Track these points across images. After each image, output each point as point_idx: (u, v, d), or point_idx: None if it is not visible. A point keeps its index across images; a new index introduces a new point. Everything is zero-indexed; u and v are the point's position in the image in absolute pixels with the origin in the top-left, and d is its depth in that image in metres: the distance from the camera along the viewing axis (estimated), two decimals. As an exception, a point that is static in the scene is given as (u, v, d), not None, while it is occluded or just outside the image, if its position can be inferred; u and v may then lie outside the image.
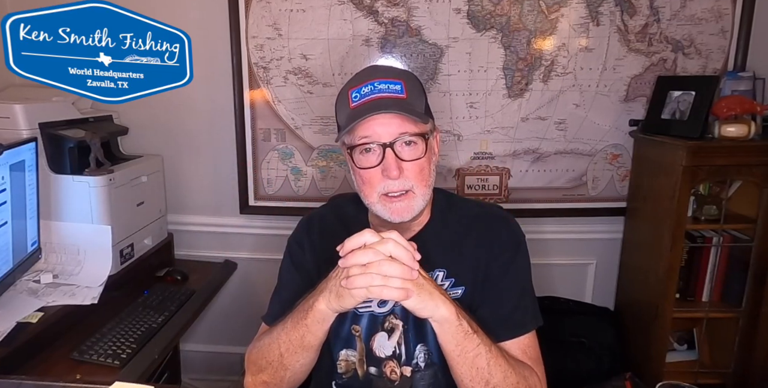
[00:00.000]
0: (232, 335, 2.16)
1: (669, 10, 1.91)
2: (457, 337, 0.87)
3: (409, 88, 0.97)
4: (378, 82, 0.95)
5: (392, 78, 0.97)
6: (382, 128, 0.94)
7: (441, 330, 0.88)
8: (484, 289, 1.01)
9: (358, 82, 0.98)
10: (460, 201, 1.14)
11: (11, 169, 1.42)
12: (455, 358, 0.89)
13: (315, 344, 0.94)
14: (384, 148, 0.94)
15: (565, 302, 2.08)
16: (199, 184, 2.15)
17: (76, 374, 1.27)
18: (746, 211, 1.82)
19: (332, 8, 1.93)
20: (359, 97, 0.96)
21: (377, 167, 0.95)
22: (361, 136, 0.95)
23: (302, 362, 0.96)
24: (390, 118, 0.93)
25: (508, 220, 1.09)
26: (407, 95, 0.96)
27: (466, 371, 0.89)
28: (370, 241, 0.83)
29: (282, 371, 0.96)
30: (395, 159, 0.94)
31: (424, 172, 0.97)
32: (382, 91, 0.95)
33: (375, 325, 1.03)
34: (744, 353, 1.82)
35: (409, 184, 0.95)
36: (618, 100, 1.99)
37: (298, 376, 0.99)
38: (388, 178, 0.94)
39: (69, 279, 1.62)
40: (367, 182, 0.97)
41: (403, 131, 0.94)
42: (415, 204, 0.97)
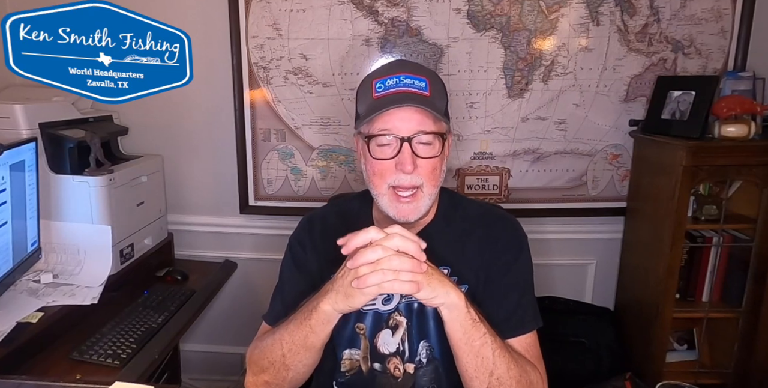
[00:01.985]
0: (232, 335, 2.16)
1: (669, 10, 1.91)
2: (465, 324, 0.88)
3: (433, 87, 0.97)
4: (404, 77, 0.96)
5: (418, 75, 0.97)
6: (402, 123, 0.94)
7: (450, 317, 0.88)
8: (486, 288, 1.02)
9: (384, 74, 0.98)
10: (464, 200, 1.15)
11: (11, 169, 1.42)
12: (462, 346, 0.89)
13: (318, 345, 0.94)
14: (402, 143, 0.94)
15: (565, 302, 2.08)
16: (199, 184, 2.15)
17: (76, 374, 1.27)
18: (746, 211, 1.82)
19: (332, 8, 1.93)
20: (383, 89, 0.96)
21: (392, 160, 0.96)
22: (381, 128, 0.95)
23: (305, 362, 0.96)
24: (411, 113, 0.94)
25: (510, 220, 1.10)
26: (431, 94, 0.96)
27: (471, 359, 0.89)
28: (376, 237, 0.83)
29: (284, 371, 0.96)
30: (411, 154, 0.94)
31: (435, 172, 0.98)
32: (408, 85, 0.95)
33: (379, 322, 1.03)
34: (744, 353, 1.82)
35: (419, 181, 0.96)
36: (618, 100, 1.99)
37: (300, 376, 0.99)
38: (401, 172, 0.95)
39: (69, 279, 1.62)
40: (379, 173, 0.97)
41: (423, 128, 0.95)
42: (422, 204, 0.98)
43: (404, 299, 1.02)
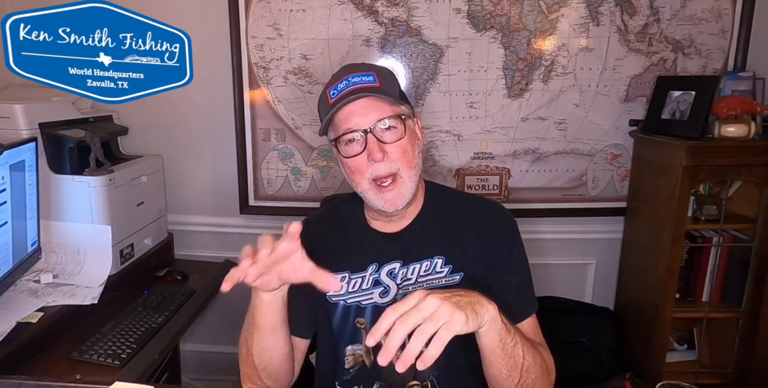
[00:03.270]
0: (232, 335, 2.13)
1: (669, 10, 1.91)
2: (502, 332, 0.83)
3: (381, 78, 1.00)
4: (351, 77, 0.99)
5: (364, 71, 1.01)
6: (360, 118, 0.97)
7: (488, 331, 0.82)
8: (486, 276, 1.03)
9: (334, 81, 1.01)
10: (451, 190, 1.18)
11: (11, 169, 1.41)
12: (499, 353, 0.85)
13: (264, 324, 0.97)
14: (366, 135, 0.97)
15: (565, 302, 2.08)
16: (199, 184, 2.15)
17: (76, 374, 1.27)
18: (746, 211, 1.82)
19: (332, 8, 1.93)
20: (336, 93, 0.99)
21: (362, 154, 0.98)
22: (344, 128, 0.98)
23: (261, 345, 0.99)
24: (366, 106, 0.97)
25: (497, 206, 1.12)
26: (380, 84, 0.99)
27: (507, 361, 0.86)
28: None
29: (250, 357, 1.01)
30: (377, 143, 0.97)
31: (408, 155, 0.99)
32: (356, 83, 0.98)
33: (379, 315, 1.03)
34: (744, 353, 1.82)
35: (395, 167, 0.98)
36: (618, 100, 1.99)
37: (268, 363, 1.01)
38: (374, 162, 0.97)
39: (69, 279, 1.62)
40: (356, 170, 1.00)
41: (381, 116, 0.97)
42: (405, 190, 0.99)
43: (401, 290, 1.03)
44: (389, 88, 1.00)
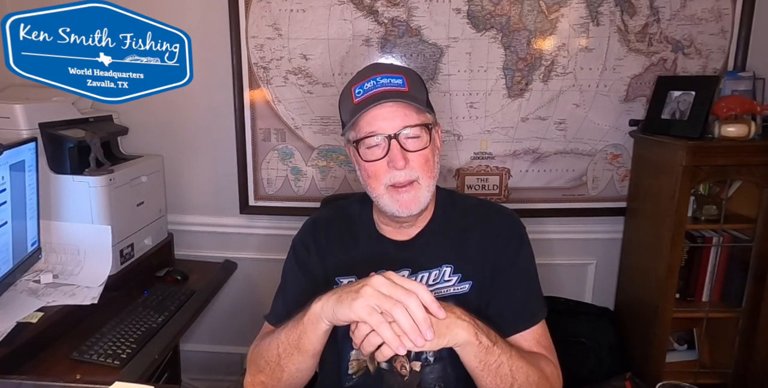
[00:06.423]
0: (232, 335, 2.16)
1: (669, 10, 1.91)
2: (479, 355, 0.86)
3: (410, 82, 0.98)
4: (380, 77, 0.97)
5: (394, 73, 0.98)
6: (385, 121, 0.95)
7: (463, 352, 0.86)
8: (493, 283, 1.02)
9: (360, 79, 0.99)
10: (461, 196, 1.16)
11: (11, 169, 1.42)
12: (479, 372, 0.88)
13: (309, 349, 0.91)
14: (389, 140, 0.95)
15: (565, 302, 2.08)
16: (199, 184, 2.15)
17: (76, 374, 1.27)
18: (746, 211, 1.82)
19: (332, 8, 1.93)
20: (362, 93, 0.97)
21: (383, 160, 0.96)
22: (367, 131, 0.96)
23: (298, 366, 0.94)
24: (393, 111, 0.95)
25: (508, 213, 1.11)
26: (409, 88, 0.97)
27: (491, 380, 0.89)
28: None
29: (279, 372, 0.96)
30: (400, 150, 0.95)
31: (429, 164, 0.98)
32: (384, 85, 0.96)
33: None
34: (744, 353, 1.82)
35: (414, 174, 0.96)
36: (618, 100, 1.99)
37: (296, 381, 0.98)
38: (395, 169, 0.95)
39: (69, 279, 1.62)
40: (373, 175, 0.98)
41: (407, 123, 0.95)
42: (421, 195, 0.98)
43: None
44: (418, 93, 0.98)
